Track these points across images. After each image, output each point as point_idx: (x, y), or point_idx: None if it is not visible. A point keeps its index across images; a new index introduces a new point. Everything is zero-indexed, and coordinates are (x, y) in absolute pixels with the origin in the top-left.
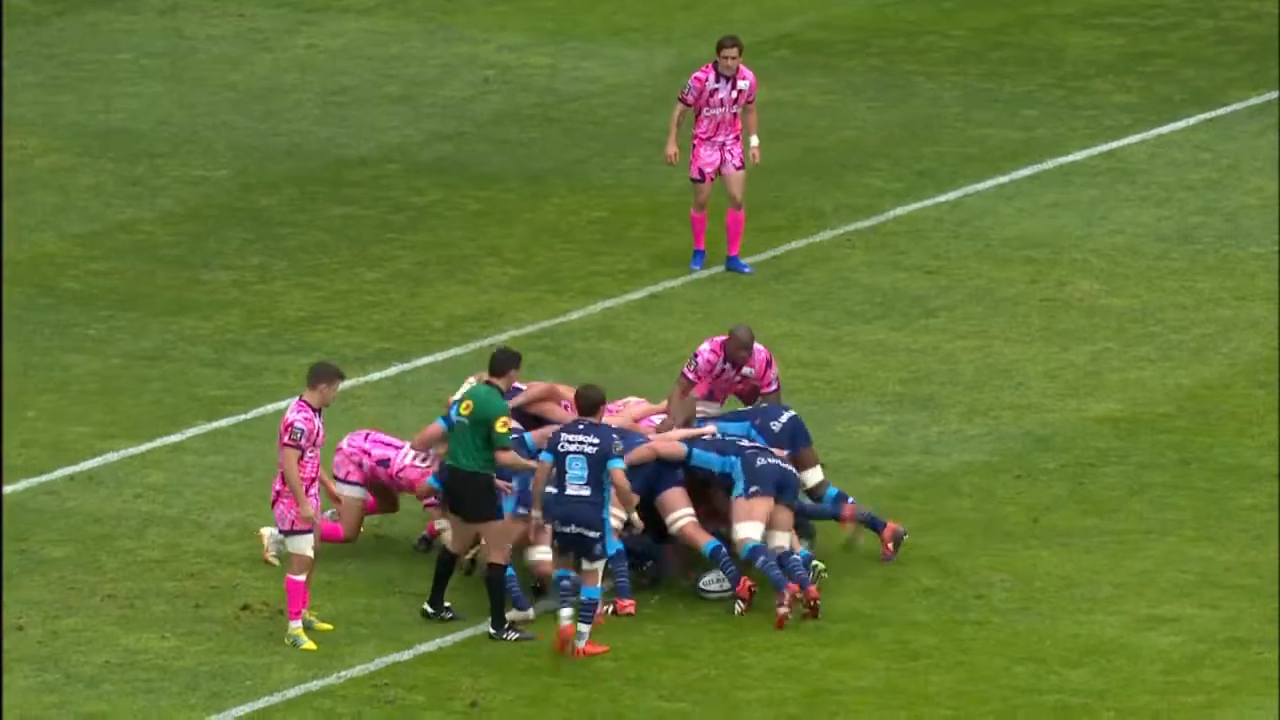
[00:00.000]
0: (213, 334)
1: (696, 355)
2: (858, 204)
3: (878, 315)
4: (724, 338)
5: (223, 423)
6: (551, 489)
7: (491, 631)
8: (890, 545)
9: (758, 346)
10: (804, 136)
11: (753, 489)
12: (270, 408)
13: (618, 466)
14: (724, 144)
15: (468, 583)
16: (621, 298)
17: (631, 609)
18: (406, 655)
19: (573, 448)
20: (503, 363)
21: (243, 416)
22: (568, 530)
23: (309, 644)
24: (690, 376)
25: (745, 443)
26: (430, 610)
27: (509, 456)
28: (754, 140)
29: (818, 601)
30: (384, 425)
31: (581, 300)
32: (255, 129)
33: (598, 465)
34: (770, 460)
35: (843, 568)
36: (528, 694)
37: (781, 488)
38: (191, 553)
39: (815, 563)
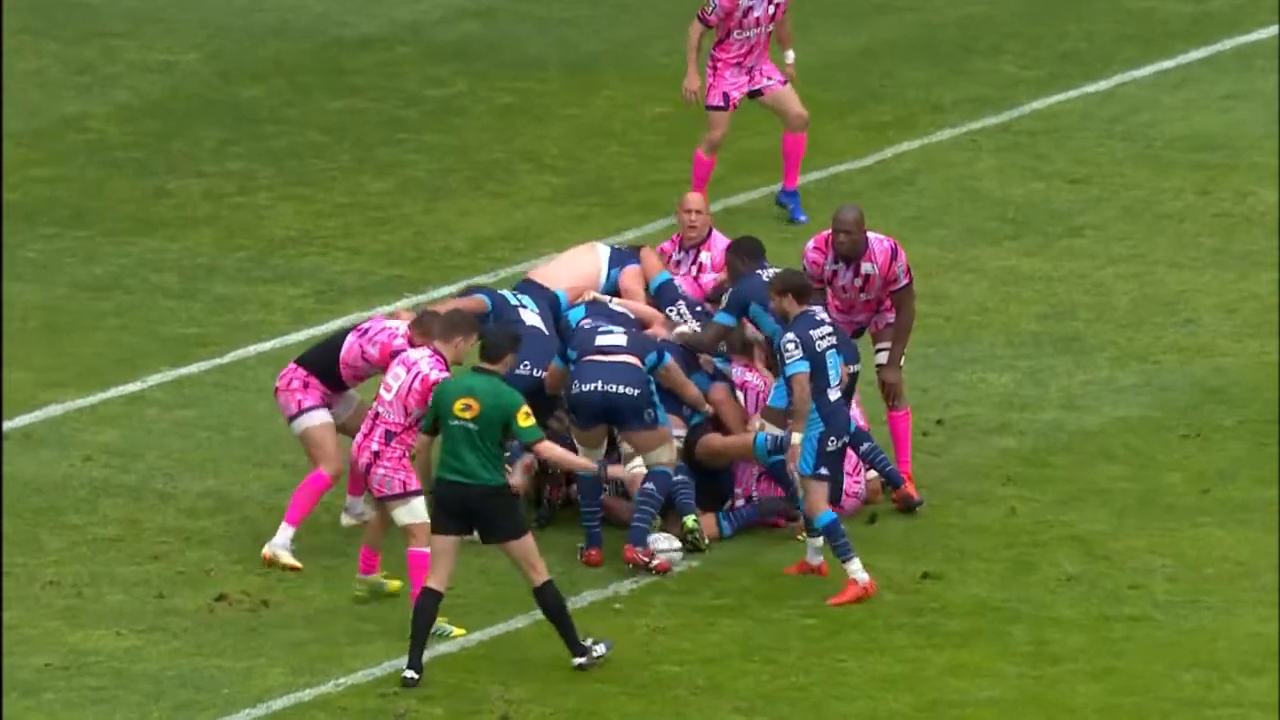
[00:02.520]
0: (180, 258)
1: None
2: (985, 95)
3: (1009, 235)
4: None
5: (193, 368)
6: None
7: (578, 661)
8: (898, 505)
9: (877, 235)
10: (919, 10)
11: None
12: (252, 349)
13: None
14: (752, 67)
15: (496, 570)
16: None
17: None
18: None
19: (825, 343)
20: (500, 346)
21: (217, 360)
22: (843, 444)
23: (458, 630)
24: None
25: (591, 350)
26: (413, 676)
27: (547, 448)
28: (789, 56)
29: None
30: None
31: (640, 216)
32: (232, 3)
33: None
34: (587, 387)
35: (964, 549)
36: (571, 705)
37: (607, 413)
38: (154, 530)
39: (689, 518)
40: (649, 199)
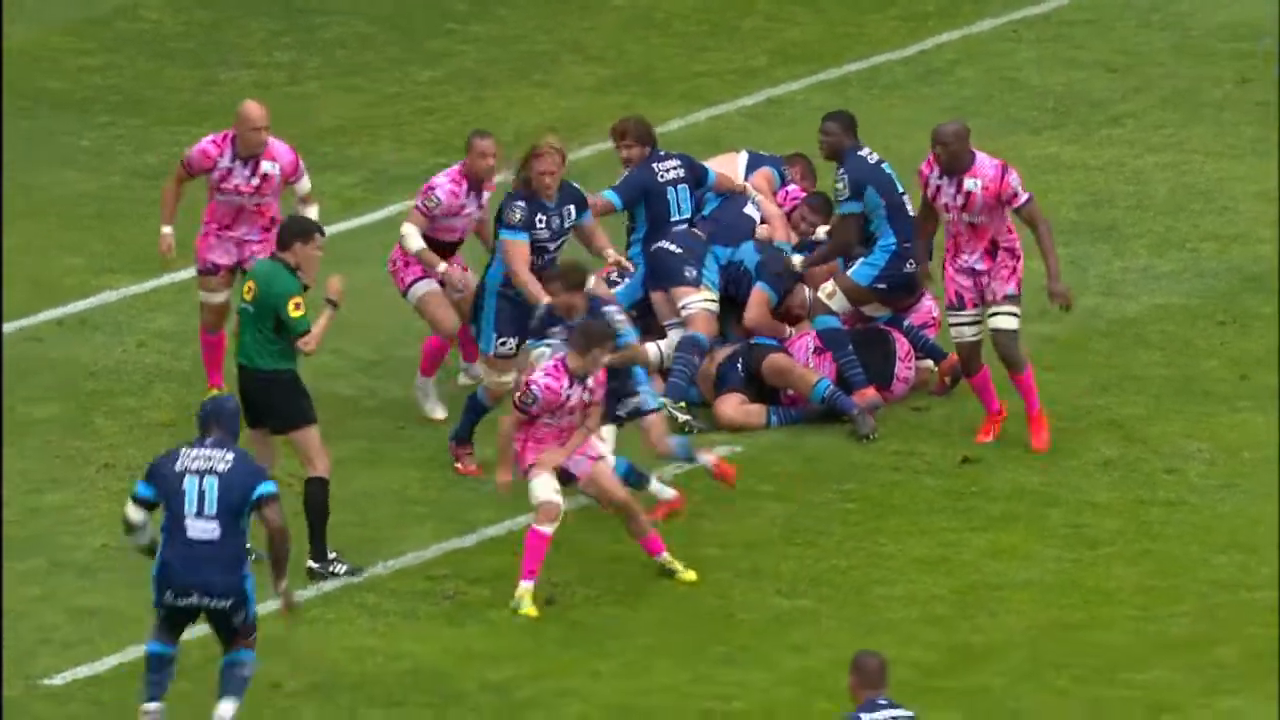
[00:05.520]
0: None
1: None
2: None
3: (1049, 124)
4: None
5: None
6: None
7: (312, 565)
8: (947, 380)
9: (985, 156)
10: None
11: None
12: None
13: None
14: None
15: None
16: (733, 103)
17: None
18: (469, 540)
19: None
20: (287, 235)
21: None
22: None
23: (530, 609)
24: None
25: None
26: (316, 565)
27: (312, 339)
28: None
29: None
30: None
31: (683, 106)
32: None
33: None
34: None
35: (1003, 434)
36: (616, 589)
37: None
38: None
39: None
40: (692, 89)
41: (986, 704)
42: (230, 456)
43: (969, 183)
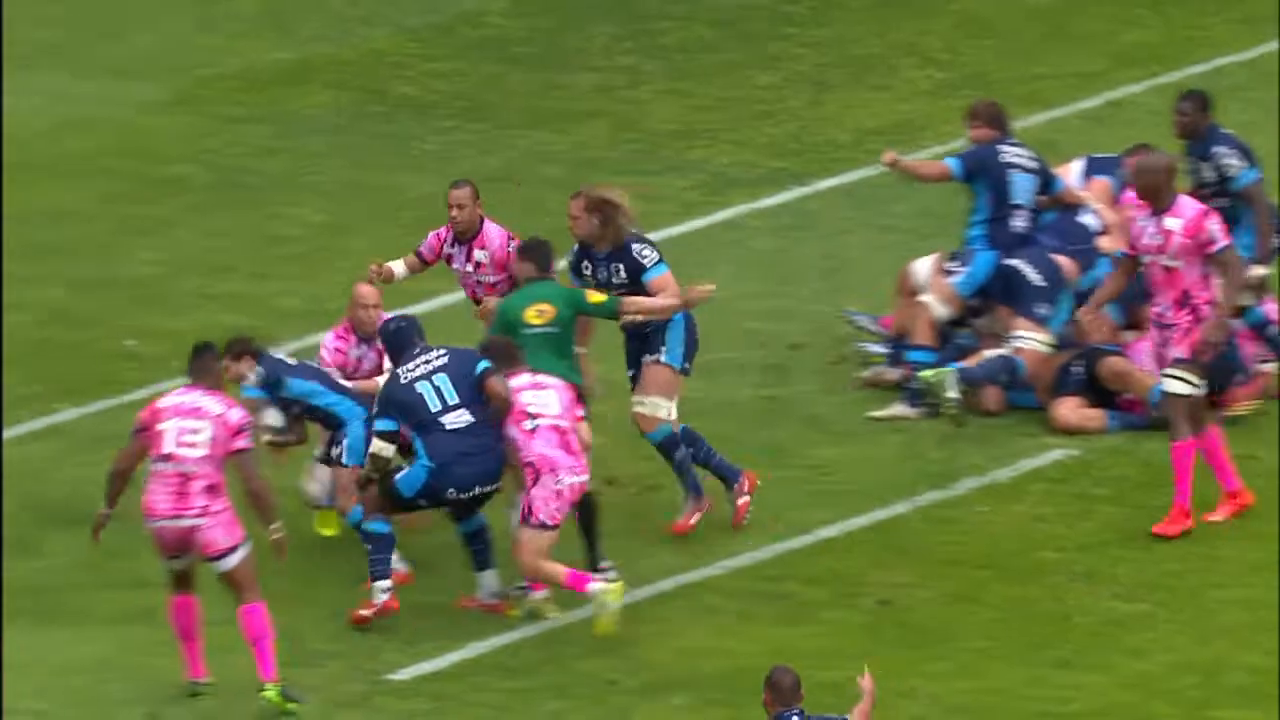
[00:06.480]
0: (570, 150)
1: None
2: None
3: None
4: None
5: None
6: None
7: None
8: None
9: (1189, 199)
10: None
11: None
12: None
13: None
14: None
15: (880, 458)
16: (1071, 106)
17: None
18: (805, 541)
19: None
20: (547, 257)
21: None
22: None
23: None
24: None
25: None
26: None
27: (631, 302)
28: None
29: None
30: (773, 264)
31: (1021, 109)
32: None
33: None
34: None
35: None
36: (951, 591)
37: None
38: None
39: None
40: (1030, 92)
41: None
42: (442, 350)
43: (1169, 221)
